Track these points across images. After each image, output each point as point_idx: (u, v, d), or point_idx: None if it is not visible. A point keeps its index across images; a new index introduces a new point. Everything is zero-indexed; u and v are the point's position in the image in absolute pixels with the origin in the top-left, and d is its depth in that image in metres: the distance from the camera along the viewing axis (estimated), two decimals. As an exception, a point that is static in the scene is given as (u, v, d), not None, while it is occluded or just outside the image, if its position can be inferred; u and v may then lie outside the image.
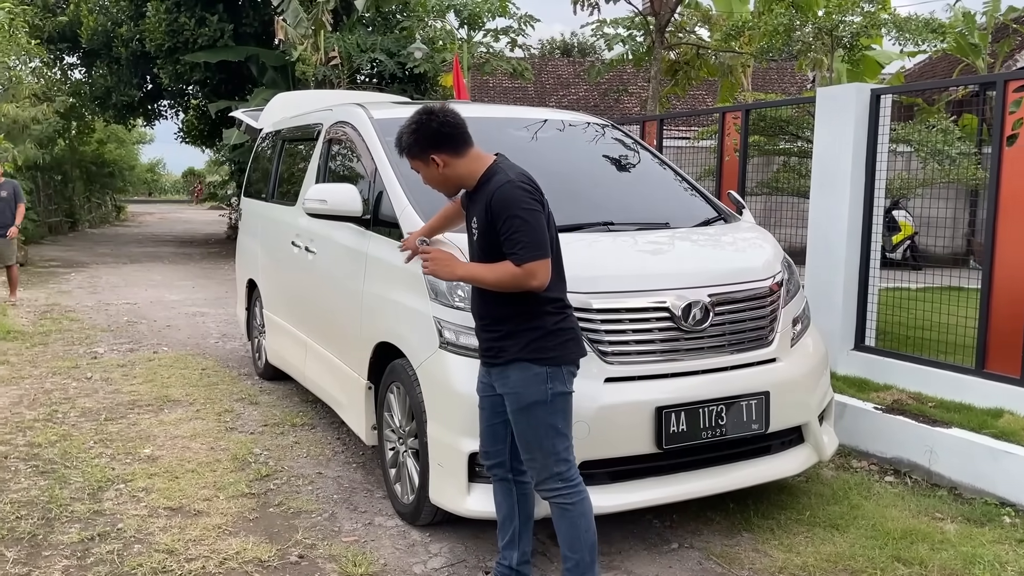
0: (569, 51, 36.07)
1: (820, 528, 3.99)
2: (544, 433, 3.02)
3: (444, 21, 16.82)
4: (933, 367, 5.28)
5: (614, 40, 15.58)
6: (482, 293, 3.08)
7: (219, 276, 14.40)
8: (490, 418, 3.23)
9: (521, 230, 2.88)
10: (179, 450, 5.06)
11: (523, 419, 3.03)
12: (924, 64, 21.92)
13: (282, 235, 5.96)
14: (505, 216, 2.90)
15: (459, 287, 3.68)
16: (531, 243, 2.88)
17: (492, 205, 2.94)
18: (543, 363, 3.00)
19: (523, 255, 2.88)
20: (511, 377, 3.03)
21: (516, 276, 2.90)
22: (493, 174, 3.03)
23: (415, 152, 3.13)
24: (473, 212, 3.08)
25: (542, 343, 3.01)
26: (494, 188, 2.96)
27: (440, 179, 3.12)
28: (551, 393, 3.00)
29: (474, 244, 3.10)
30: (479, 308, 3.13)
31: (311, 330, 5.41)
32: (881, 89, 5.70)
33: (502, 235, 2.91)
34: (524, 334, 3.01)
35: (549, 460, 3.03)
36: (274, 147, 6.78)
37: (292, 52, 14.98)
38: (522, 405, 3.01)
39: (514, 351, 3.01)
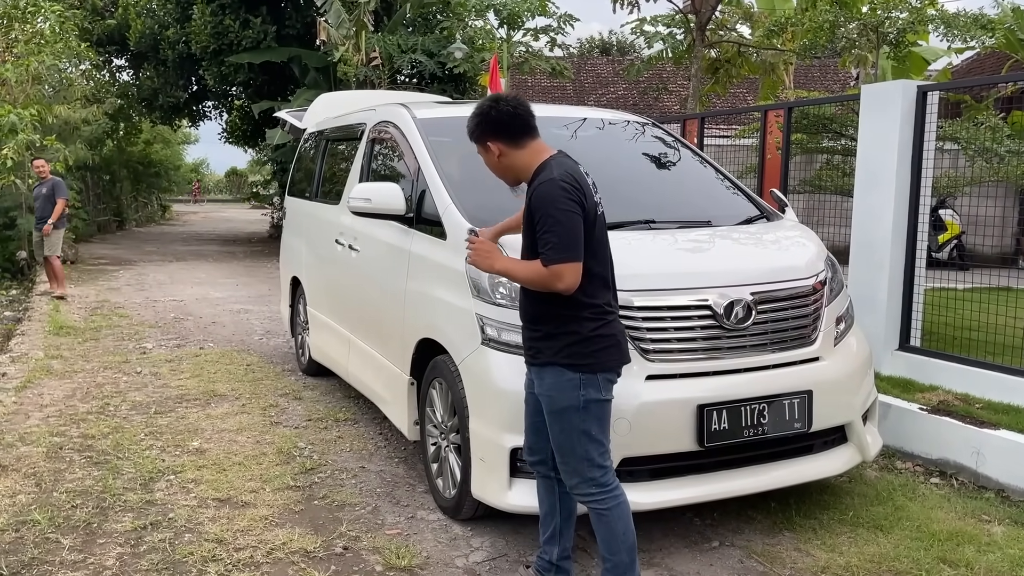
0: (608, 50, 35.97)
1: (863, 529, 3.96)
2: (576, 439, 3.02)
3: (484, 21, 16.89)
4: (980, 368, 5.20)
5: (654, 38, 15.53)
6: (524, 291, 3.10)
7: (262, 274, 14.63)
8: (533, 415, 3.25)
9: (552, 230, 2.87)
10: (226, 443, 5.18)
11: (556, 423, 3.04)
12: (972, 61, 21.47)
13: (326, 233, 6.05)
14: (541, 214, 2.90)
15: (500, 284, 3.72)
16: (560, 244, 2.86)
17: (532, 201, 2.96)
18: (577, 369, 2.98)
19: (550, 255, 2.87)
20: (545, 380, 3.04)
21: (542, 276, 2.89)
22: (542, 170, 3.03)
23: (474, 137, 3.17)
24: (525, 207, 3.09)
25: (577, 348, 2.99)
26: (536, 185, 2.98)
27: (498, 167, 3.15)
28: (584, 400, 2.98)
29: (523, 239, 3.10)
30: (522, 306, 3.15)
31: (354, 327, 5.49)
32: (928, 86, 5.63)
33: (537, 232, 2.92)
34: (560, 337, 3.00)
35: (582, 465, 3.03)
36: (318, 147, 6.88)
37: (334, 53, 15.15)
38: (554, 409, 3.02)
39: (549, 354, 3.02)
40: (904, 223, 5.65)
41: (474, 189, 4.40)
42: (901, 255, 5.67)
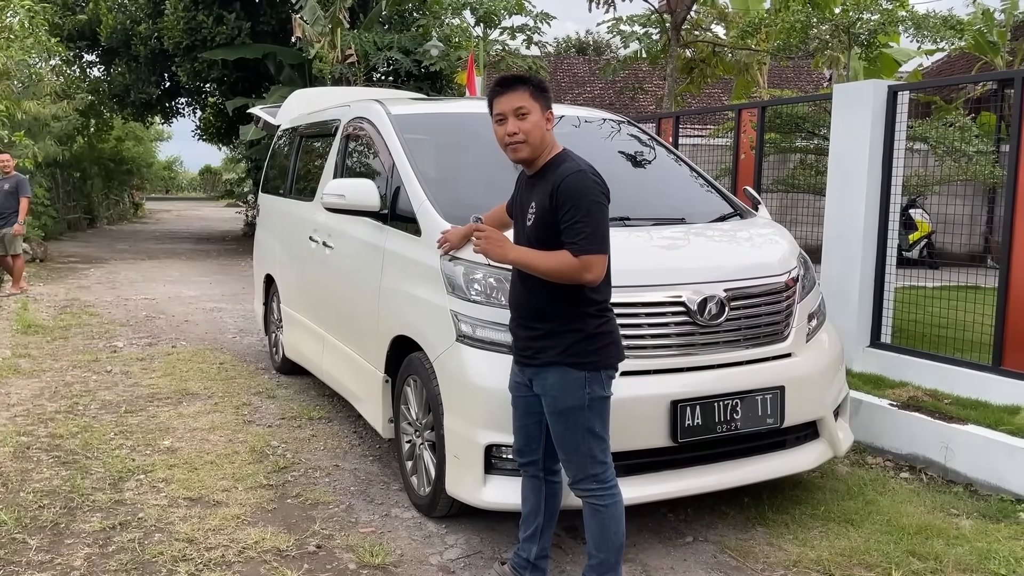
0: (584, 49, 36.05)
1: (835, 523, 3.99)
2: (581, 437, 3.00)
3: (461, 19, 16.86)
4: (949, 364, 5.26)
5: (630, 37, 15.57)
6: (527, 287, 3.02)
7: (236, 272, 14.51)
8: (523, 418, 3.21)
9: (585, 220, 2.82)
10: (198, 442, 5.12)
11: (560, 422, 3.02)
12: (942, 62, 21.76)
13: (300, 230, 6.01)
14: (571, 204, 2.84)
15: (475, 281, 3.71)
16: (593, 235, 2.83)
17: (560, 191, 2.87)
18: (582, 368, 2.96)
19: (583, 246, 2.82)
20: (549, 380, 3.00)
21: (572, 267, 2.84)
22: (563, 161, 2.98)
23: (546, 98, 3.02)
24: (532, 197, 3.01)
25: (583, 347, 2.96)
26: (563, 174, 2.90)
27: (542, 134, 2.99)
28: (589, 398, 2.97)
29: (527, 231, 3.02)
30: (521, 302, 3.08)
31: (328, 324, 5.46)
32: (898, 86, 5.69)
33: (563, 223, 2.85)
34: (565, 336, 2.97)
35: (585, 462, 3.02)
36: (292, 143, 6.83)
37: (309, 50, 15.06)
38: (559, 409, 2.99)
39: (553, 354, 2.97)
40: (875, 221, 5.71)
41: (449, 186, 4.39)
42: (872, 252, 5.73)
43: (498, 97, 3.04)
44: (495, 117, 3.06)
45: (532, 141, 2.98)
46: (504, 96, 3.01)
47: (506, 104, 3.00)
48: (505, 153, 3.08)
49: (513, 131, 2.97)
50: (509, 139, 2.99)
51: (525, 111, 2.98)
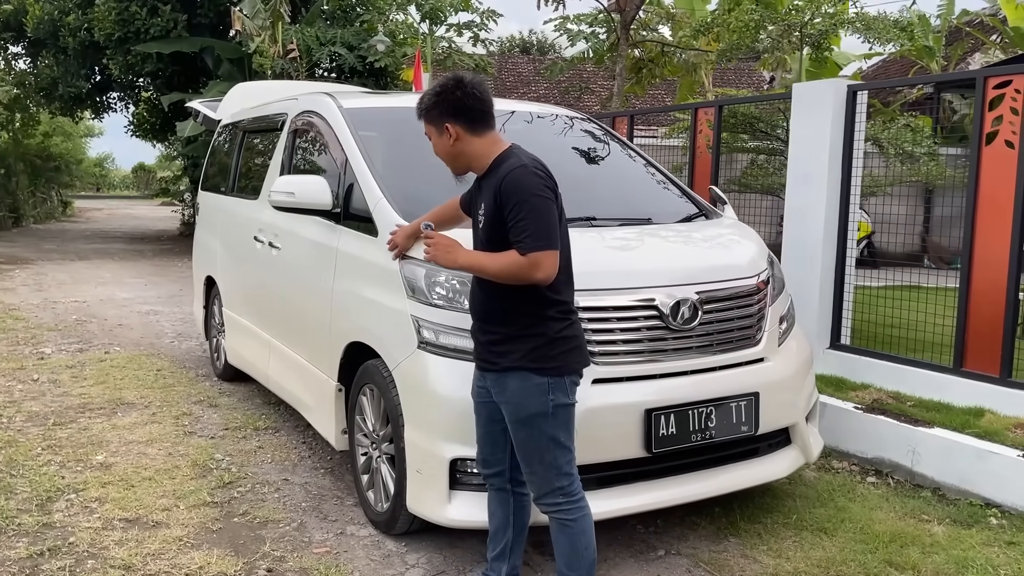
0: (528, 49, 35.96)
1: (808, 532, 3.89)
2: (544, 446, 2.84)
3: (406, 14, 16.54)
4: (911, 366, 5.23)
5: (577, 36, 15.46)
6: (484, 290, 2.88)
7: (172, 273, 13.99)
8: (487, 424, 3.05)
9: (528, 217, 2.70)
10: (134, 456, 4.79)
11: (522, 431, 2.85)
12: (879, 67, 22.21)
13: (243, 230, 5.70)
14: (514, 202, 2.72)
15: (437, 284, 3.50)
16: (538, 231, 2.70)
17: (502, 189, 2.75)
18: (545, 373, 2.82)
19: (529, 244, 2.69)
20: (509, 386, 2.84)
21: (520, 266, 2.71)
22: (506, 158, 2.86)
23: (432, 116, 2.94)
24: (481, 199, 2.89)
25: (545, 351, 2.82)
26: (505, 172, 2.78)
27: (450, 152, 2.92)
28: (552, 405, 2.82)
29: (479, 233, 2.90)
30: (480, 306, 2.93)
31: (275, 329, 5.17)
32: (858, 85, 5.65)
33: (509, 222, 2.73)
34: (526, 340, 2.82)
35: (550, 473, 2.86)
36: (234, 139, 6.51)
37: (249, 44, 14.60)
38: (521, 416, 2.83)
39: (514, 358, 2.82)
40: (835, 221, 5.66)
41: (405, 183, 4.16)
42: (833, 253, 5.67)
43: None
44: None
45: (448, 160, 2.99)
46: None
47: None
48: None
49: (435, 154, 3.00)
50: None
51: (429, 135, 2.99)
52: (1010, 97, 4.67)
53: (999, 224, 4.74)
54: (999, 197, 4.73)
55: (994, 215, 4.76)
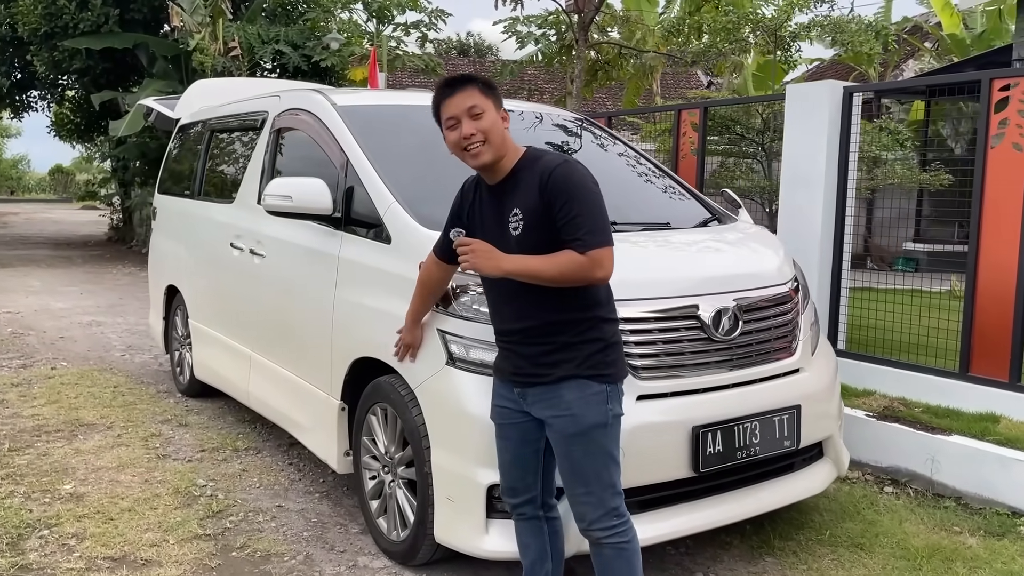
0: (466, 51, 35.70)
1: (843, 548, 3.74)
2: (603, 462, 2.63)
3: (352, 13, 16.11)
4: (915, 371, 5.16)
5: (527, 38, 15.29)
6: (532, 297, 2.61)
7: (108, 281, 13.28)
8: (518, 448, 2.80)
9: (584, 212, 2.50)
10: (107, 484, 4.38)
11: (580, 447, 2.61)
12: (812, 73, 22.65)
13: (216, 236, 5.32)
14: (567, 197, 2.50)
15: (464, 294, 3.24)
16: (596, 227, 2.50)
17: (550, 186, 2.52)
18: (604, 380, 2.61)
19: (589, 240, 2.48)
20: (564, 397, 2.60)
21: (581, 265, 2.48)
22: (538, 156, 2.65)
23: (495, 93, 2.68)
24: (509, 204, 2.64)
25: (602, 357, 2.62)
26: (549, 168, 2.56)
27: (499, 132, 2.62)
28: (611, 415, 2.63)
29: (512, 242, 2.61)
30: (525, 315, 2.65)
31: (257, 342, 4.81)
32: (853, 87, 5.58)
33: (561, 220, 2.50)
34: (582, 346, 2.60)
35: (607, 493, 2.63)
36: (200, 139, 6.09)
37: (188, 41, 13.98)
38: (581, 429, 2.60)
39: (570, 367, 2.59)
40: (832, 224, 5.57)
41: (415, 185, 3.87)
42: (830, 257, 5.59)
43: (446, 100, 2.68)
44: (446, 123, 2.70)
45: (493, 141, 2.63)
46: (453, 98, 2.65)
47: (456, 106, 2.64)
48: (463, 159, 2.70)
49: (470, 132, 2.61)
50: (467, 142, 2.62)
51: (479, 110, 2.63)
52: (1017, 99, 4.63)
53: (1006, 227, 4.69)
54: (1006, 200, 4.69)
55: (1001, 218, 4.72)
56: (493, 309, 2.81)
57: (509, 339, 2.74)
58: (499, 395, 2.82)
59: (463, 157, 2.67)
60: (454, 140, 2.65)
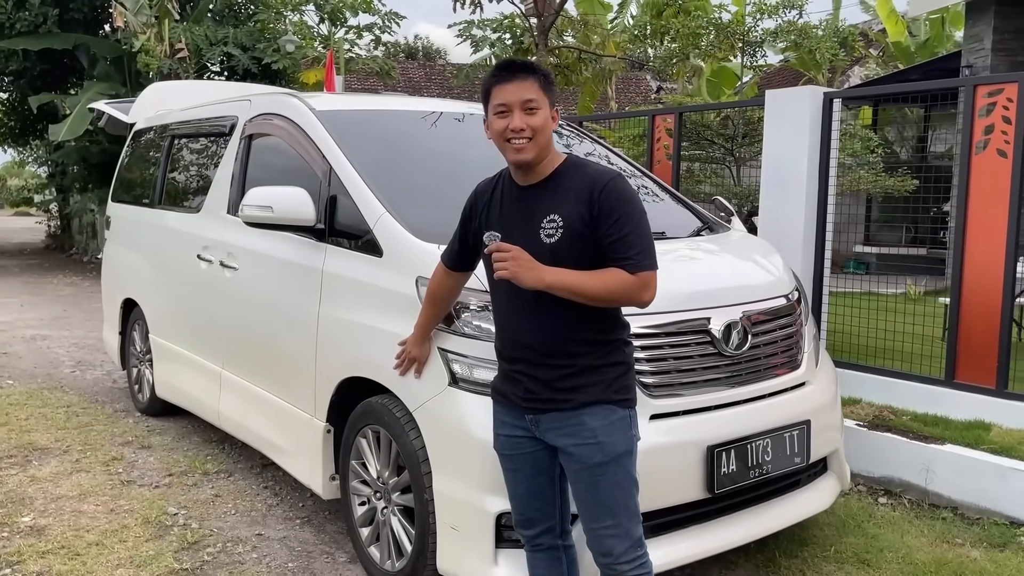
0: (414, 54, 35.38)
1: (850, 565, 3.65)
2: (628, 491, 2.48)
3: (301, 14, 15.76)
4: (901, 379, 5.13)
5: (482, 42, 15.14)
6: (560, 313, 2.41)
7: (49, 292, 12.75)
8: (532, 478, 2.61)
9: (637, 232, 2.37)
10: (69, 516, 4.09)
11: (607, 476, 2.44)
12: (761, 78, 22.95)
13: (181, 247, 5.04)
14: (620, 214, 2.36)
15: (465, 310, 3.06)
16: (647, 248, 2.38)
17: (603, 199, 2.36)
18: (627, 405, 2.48)
19: (639, 261, 2.35)
20: (588, 424, 2.43)
21: (630, 287, 2.35)
22: (582, 165, 2.50)
23: (553, 91, 2.50)
24: (547, 208, 2.44)
25: (624, 380, 2.48)
26: (602, 179, 2.40)
27: (548, 133, 2.45)
28: (635, 440, 2.50)
29: (548, 247, 2.41)
30: (545, 335, 2.45)
31: (229, 360, 4.56)
32: (833, 92, 5.54)
33: (611, 236, 2.35)
34: (607, 369, 2.45)
35: (632, 523, 2.48)
36: (158, 144, 5.80)
37: (133, 42, 13.51)
38: (608, 457, 2.43)
39: (595, 391, 2.43)
40: (814, 229, 5.53)
41: (404, 194, 3.68)
42: (811, 262, 5.54)
43: (502, 85, 2.46)
44: (495, 108, 2.47)
45: (541, 141, 2.45)
46: (510, 85, 2.45)
47: (512, 94, 2.44)
48: (502, 150, 2.50)
49: (520, 127, 2.41)
50: (513, 135, 2.43)
51: (535, 105, 2.44)
52: (1002, 106, 4.63)
53: (991, 234, 4.68)
54: (991, 206, 4.68)
55: (985, 225, 4.71)
56: (505, 323, 2.58)
57: (519, 359, 2.53)
58: (504, 423, 2.62)
59: (503, 148, 2.48)
60: (499, 129, 2.45)
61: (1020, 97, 4.54)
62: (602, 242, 2.37)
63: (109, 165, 16.85)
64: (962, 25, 18.07)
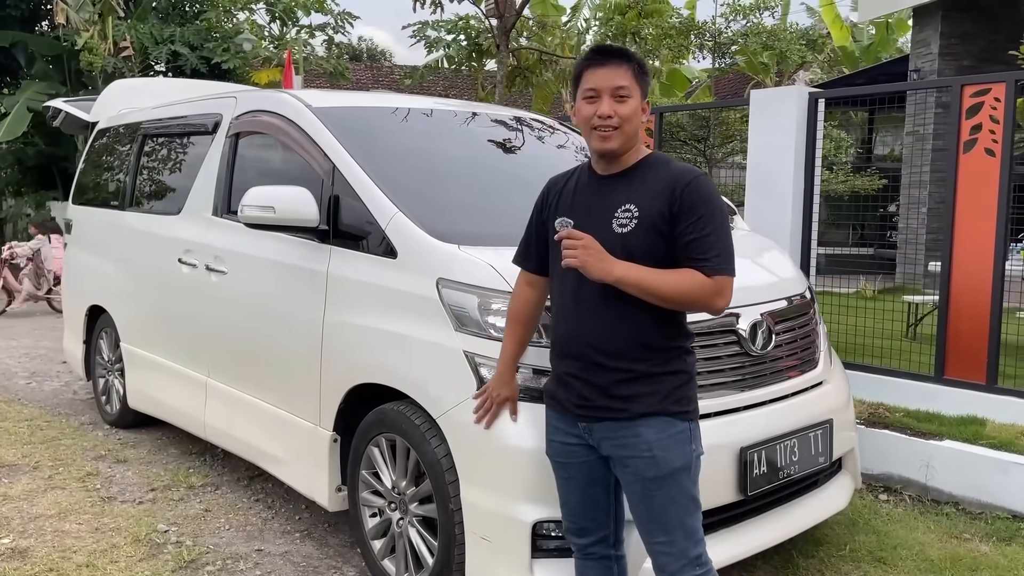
0: (358, 56, 34.95)
1: (867, 563, 3.65)
2: (685, 508, 2.37)
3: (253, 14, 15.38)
4: (891, 376, 5.18)
5: (437, 44, 15.00)
6: (618, 314, 2.32)
7: (-12, 300, 12.16)
8: (585, 487, 2.51)
9: (718, 234, 2.28)
10: (52, 536, 3.84)
11: (661, 491, 2.35)
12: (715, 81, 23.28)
13: (158, 251, 4.82)
14: (703, 213, 2.27)
15: (492, 313, 2.95)
16: (727, 252, 2.30)
17: (686, 196, 2.27)
18: (687, 417, 2.38)
19: (717, 264, 2.26)
20: (644, 436, 2.33)
21: (705, 290, 2.26)
22: (667, 160, 2.41)
23: (646, 80, 2.39)
24: (624, 197, 2.35)
25: (686, 391, 2.39)
26: (686, 176, 2.31)
27: (636, 123, 2.36)
28: (695, 455, 2.39)
29: (620, 237, 2.31)
30: (603, 336, 2.35)
31: (216, 368, 4.36)
32: (818, 93, 5.59)
33: (690, 235, 2.26)
34: (665, 378, 2.35)
35: (689, 543, 2.38)
36: (127, 144, 5.54)
37: (75, 39, 13.01)
38: (663, 473, 2.33)
39: (651, 402, 2.33)
40: (800, 228, 5.56)
41: (415, 193, 3.55)
42: (797, 260, 5.56)
43: (594, 69, 2.36)
44: (584, 92, 2.38)
45: (628, 131, 2.35)
46: (602, 70, 2.35)
47: (604, 80, 2.34)
48: (586, 136, 2.41)
49: (608, 114, 2.32)
50: (600, 122, 2.33)
51: (626, 93, 2.34)
52: (989, 106, 4.70)
53: (980, 231, 4.75)
54: (980, 204, 4.75)
55: (974, 222, 4.78)
56: (565, 318, 2.44)
57: (575, 357, 2.41)
58: (558, 429, 2.51)
59: (588, 135, 2.38)
60: (586, 115, 2.35)
61: (1007, 97, 4.62)
62: (679, 241, 2.29)
63: (46, 168, 16.27)
64: (905, 30, 18.65)
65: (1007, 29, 12.49)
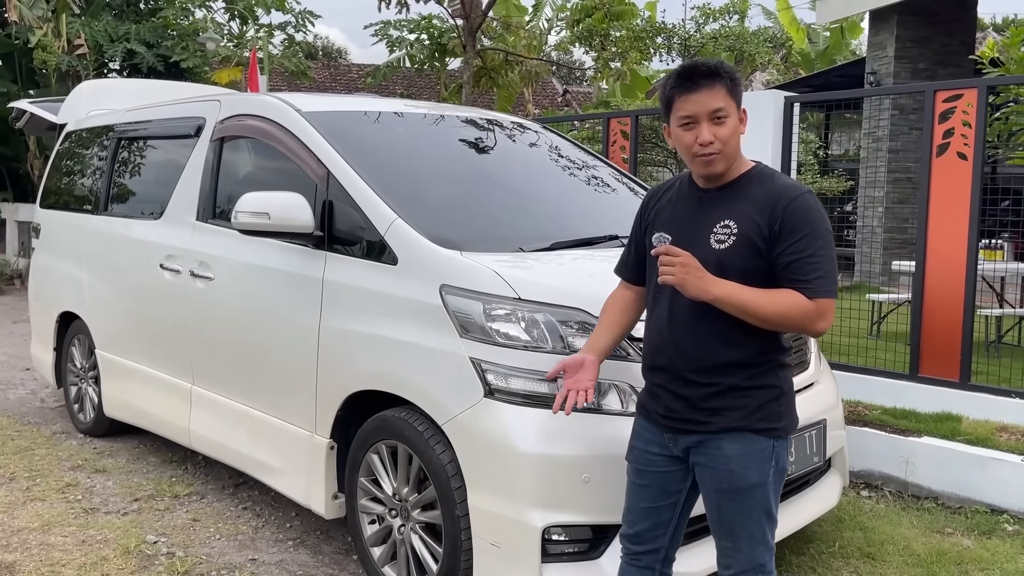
0: (313, 55, 34.59)
1: (856, 560, 3.73)
2: (755, 520, 2.37)
3: (211, 11, 15.14)
4: (865, 374, 5.30)
5: (399, 44, 14.93)
6: (712, 329, 2.29)
7: (-60, 305, 11.79)
8: (656, 498, 2.49)
9: (822, 255, 2.22)
10: (37, 550, 3.76)
11: (732, 503, 2.35)
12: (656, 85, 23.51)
13: (136, 256, 4.74)
14: (807, 233, 2.22)
15: (496, 319, 2.96)
16: (831, 275, 2.23)
17: (789, 214, 2.23)
18: (772, 435, 2.34)
19: (820, 287, 2.21)
20: (724, 451, 2.32)
21: (806, 313, 2.21)
22: (771, 175, 2.36)
23: (739, 92, 2.32)
24: (724, 212, 2.31)
25: (774, 407, 2.34)
26: (791, 192, 2.27)
27: (737, 142, 2.30)
28: (773, 471, 2.37)
29: (717, 253, 2.28)
30: (691, 349, 2.33)
31: (201, 375, 4.30)
32: (793, 97, 5.70)
33: (791, 255, 2.22)
34: (754, 393, 2.32)
35: (756, 550, 2.39)
36: (101, 146, 5.43)
37: (29, 37, 12.68)
38: (737, 487, 2.33)
39: (736, 417, 2.30)
40: (776, 233, 5.65)
41: (413, 198, 3.55)
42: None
43: (686, 95, 2.28)
44: (680, 120, 2.30)
45: (729, 152, 2.30)
46: (695, 95, 2.26)
47: (699, 105, 2.26)
48: (689, 163, 2.36)
49: (709, 140, 2.26)
50: (702, 149, 2.27)
51: (724, 114, 2.27)
52: (961, 111, 4.84)
53: (952, 232, 4.89)
54: (952, 206, 4.88)
55: (947, 224, 4.91)
56: (659, 332, 2.41)
57: (664, 369, 2.40)
58: (643, 437, 2.49)
59: (691, 162, 2.33)
60: (687, 143, 2.29)
61: (979, 102, 4.76)
62: (779, 260, 2.24)
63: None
64: (858, 34, 19.08)
65: (960, 32, 12.88)
